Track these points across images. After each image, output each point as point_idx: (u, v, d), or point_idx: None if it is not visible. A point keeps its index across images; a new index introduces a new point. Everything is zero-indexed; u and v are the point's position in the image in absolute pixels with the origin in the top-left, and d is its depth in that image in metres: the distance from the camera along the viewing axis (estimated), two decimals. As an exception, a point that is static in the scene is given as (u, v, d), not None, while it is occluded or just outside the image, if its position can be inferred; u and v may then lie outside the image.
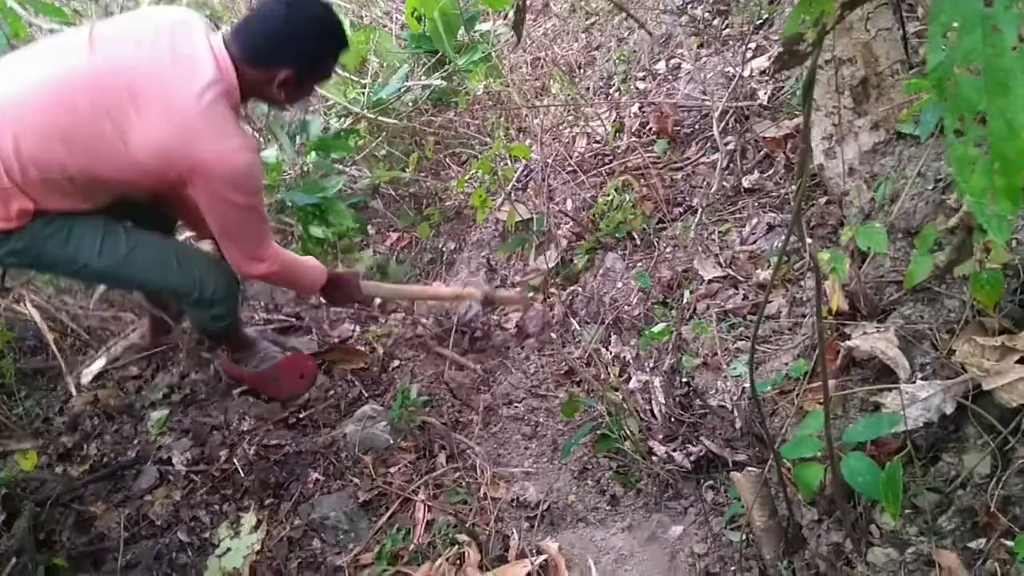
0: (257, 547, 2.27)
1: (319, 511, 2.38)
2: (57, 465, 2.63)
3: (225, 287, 2.45)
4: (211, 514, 2.43)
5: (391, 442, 2.60)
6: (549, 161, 3.46)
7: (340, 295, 2.74)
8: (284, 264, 2.39)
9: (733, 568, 1.98)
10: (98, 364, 3.06)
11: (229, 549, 2.26)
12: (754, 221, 2.68)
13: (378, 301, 3.41)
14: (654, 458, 2.33)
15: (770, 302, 2.32)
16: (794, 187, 2.72)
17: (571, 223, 3.32)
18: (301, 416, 2.79)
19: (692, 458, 2.27)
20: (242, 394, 2.86)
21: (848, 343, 1.86)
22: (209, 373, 2.98)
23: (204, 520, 2.41)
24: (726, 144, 3.10)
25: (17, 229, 2.05)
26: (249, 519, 2.34)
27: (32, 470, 2.45)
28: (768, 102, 3.19)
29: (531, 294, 3.26)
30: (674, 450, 2.31)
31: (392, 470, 2.53)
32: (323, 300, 2.86)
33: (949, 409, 1.64)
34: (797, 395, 1.96)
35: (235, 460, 2.56)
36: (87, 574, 2.21)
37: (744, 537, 2.04)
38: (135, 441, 2.72)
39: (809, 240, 2.32)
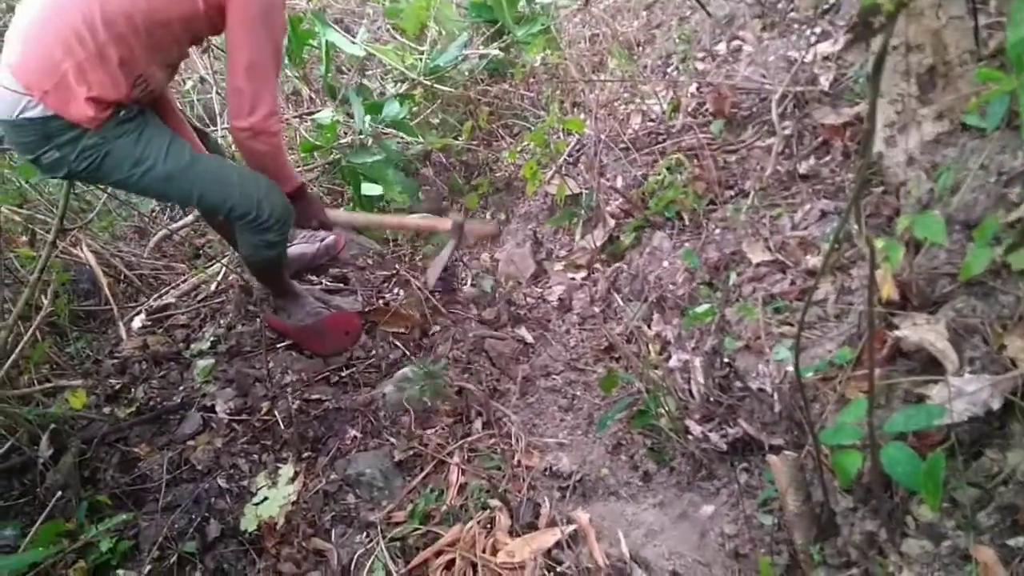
0: (293, 498, 2.31)
1: (355, 467, 2.42)
2: (105, 406, 2.70)
3: (282, 211, 2.47)
4: (250, 463, 2.48)
5: (429, 404, 2.62)
6: (602, 137, 3.44)
7: (303, 210, 2.70)
8: (281, 137, 2.41)
9: (763, 551, 1.98)
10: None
11: (266, 498, 2.30)
12: (807, 207, 2.64)
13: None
14: (689, 437, 2.33)
15: (818, 288, 2.29)
16: (851, 175, 2.68)
17: (620, 200, 3.30)
18: (342, 374, 2.83)
19: (728, 439, 2.26)
20: (286, 349, 2.91)
21: (896, 333, 1.84)
22: (255, 326, 3.03)
23: (243, 468, 2.46)
24: (783, 129, 3.05)
25: (95, 127, 2.14)
26: (287, 470, 2.38)
27: (80, 408, 2.52)
28: (829, 88, 3.13)
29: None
30: (710, 430, 2.30)
31: (428, 432, 2.56)
32: None
33: (996, 405, 1.61)
34: (840, 382, 1.94)
35: (276, 412, 2.61)
36: (128, 512, 2.26)
37: (776, 521, 2.03)
38: (181, 388, 2.78)
39: (857, 227, 2.29)
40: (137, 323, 3.12)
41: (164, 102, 2.59)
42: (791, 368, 2.09)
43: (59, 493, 2.24)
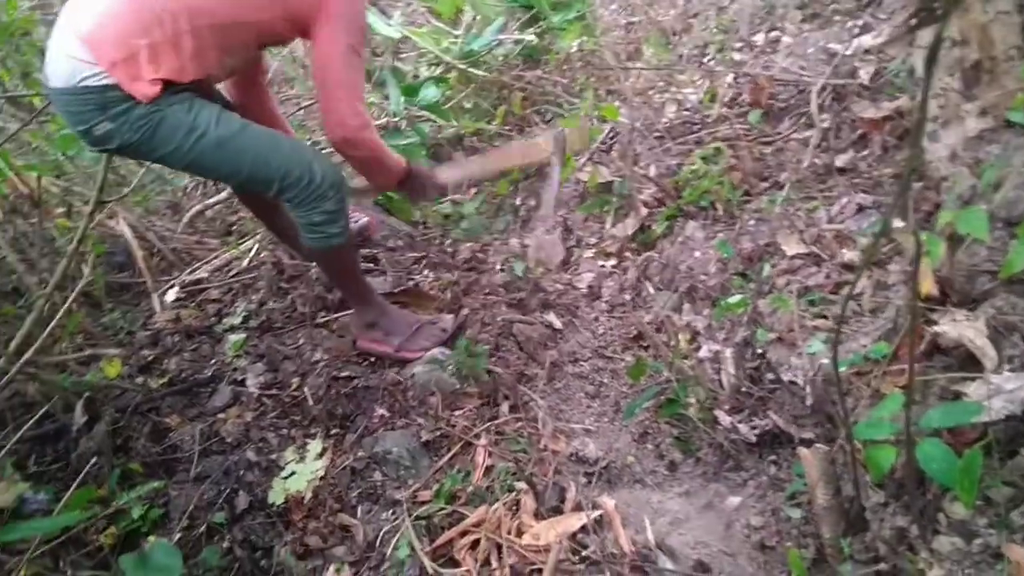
0: (320, 473, 2.33)
1: (382, 445, 2.43)
2: (137, 376, 2.73)
3: (333, 175, 2.41)
4: (279, 437, 2.50)
5: (457, 387, 2.63)
6: (637, 125, 3.42)
7: (418, 186, 2.71)
8: (376, 135, 2.43)
9: (790, 544, 1.97)
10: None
11: (294, 472, 2.33)
12: (843, 200, 2.62)
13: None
14: (718, 428, 2.32)
15: (855, 282, 2.27)
16: (889, 170, 2.66)
17: (653, 188, 3.29)
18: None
19: (757, 431, 2.26)
20: (316, 327, 2.93)
21: (935, 328, 1.82)
22: (286, 303, 3.05)
23: (272, 442, 2.48)
24: (822, 121, 3.02)
25: (147, 101, 2.13)
26: (315, 446, 2.40)
27: (115, 377, 2.55)
28: (869, 82, 3.10)
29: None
30: (740, 422, 2.30)
31: (456, 414, 2.56)
32: (402, 194, 2.80)
33: (1035, 403, 1.60)
34: (875, 377, 1.92)
35: (306, 388, 2.62)
36: (160, 480, 2.29)
37: (804, 514, 2.03)
38: (212, 361, 2.81)
39: (901, 223, 2.27)
40: (170, 296, 3.16)
41: (258, 89, 2.69)
42: (824, 361, 2.08)
43: (92, 460, 2.27)
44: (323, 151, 2.57)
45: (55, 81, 2.14)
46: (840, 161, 2.85)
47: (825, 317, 2.26)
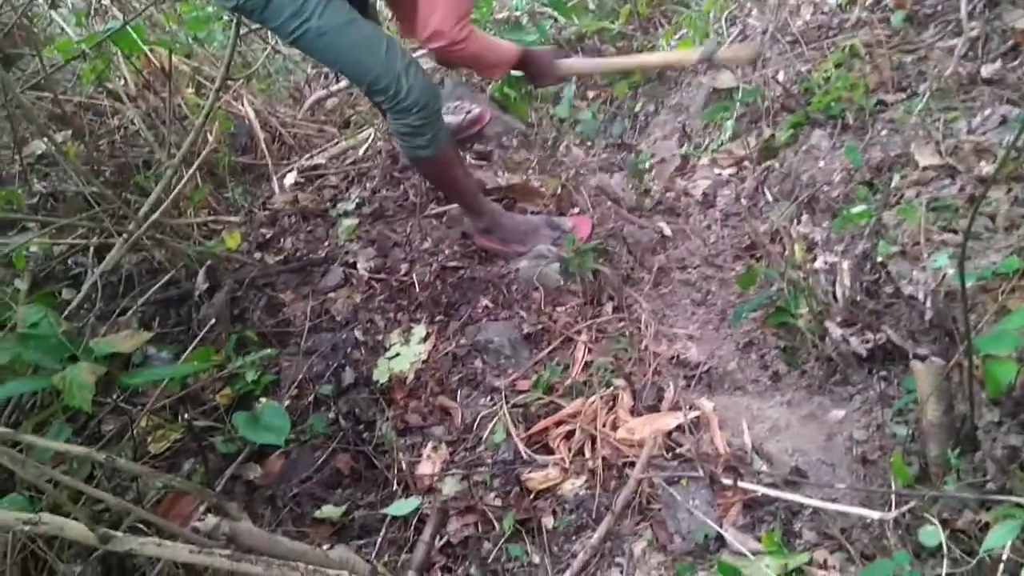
0: (424, 357, 2.39)
1: (484, 335, 2.47)
2: (256, 252, 2.84)
3: (422, 90, 2.37)
4: (386, 320, 2.57)
5: (561, 283, 2.63)
6: (769, 27, 3.26)
7: (535, 70, 2.68)
8: (472, 43, 2.39)
9: (893, 460, 1.91)
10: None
11: (399, 354, 2.40)
12: (987, 112, 2.44)
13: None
14: (827, 340, 2.25)
15: (987, 198, 2.13)
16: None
17: (780, 94, 3.14)
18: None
19: (869, 345, 2.17)
20: (425, 217, 2.96)
21: (1075, 243, 1.70)
22: (398, 192, 3.09)
23: (379, 324, 2.56)
24: (970, 29, 2.81)
25: None
26: (420, 330, 2.46)
27: (235, 248, 2.66)
28: (1028, -11, 2.85)
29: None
30: (851, 335, 2.21)
31: (559, 310, 2.57)
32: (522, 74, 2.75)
33: None
34: (1002, 293, 1.81)
35: (413, 275, 2.68)
36: (273, 349, 2.40)
37: (910, 432, 1.96)
38: (326, 243, 2.89)
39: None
40: (289, 180, 3.25)
41: None
42: (950, 273, 1.98)
43: (211, 325, 2.39)
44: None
45: None
46: (986, 71, 2.64)
47: (954, 231, 2.13)
